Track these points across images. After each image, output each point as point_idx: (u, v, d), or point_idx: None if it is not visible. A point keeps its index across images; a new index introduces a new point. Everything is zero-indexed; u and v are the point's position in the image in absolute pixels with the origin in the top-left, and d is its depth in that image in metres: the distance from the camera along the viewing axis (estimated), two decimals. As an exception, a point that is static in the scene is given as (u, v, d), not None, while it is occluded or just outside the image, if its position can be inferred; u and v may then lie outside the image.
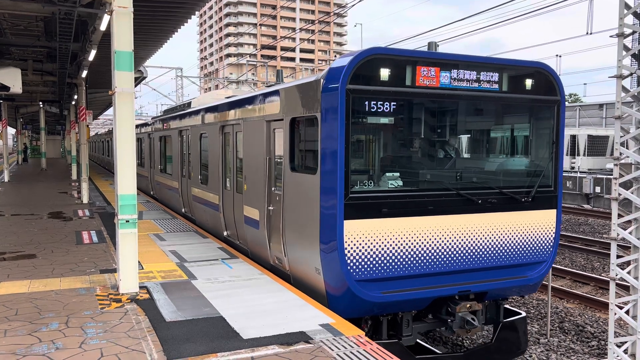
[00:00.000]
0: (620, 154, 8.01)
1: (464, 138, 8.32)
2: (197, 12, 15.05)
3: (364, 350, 5.62)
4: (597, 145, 36.32)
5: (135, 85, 32.06)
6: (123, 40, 7.35)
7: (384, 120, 7.29)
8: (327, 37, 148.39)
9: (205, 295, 7.45)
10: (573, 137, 35.97)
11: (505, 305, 8.64)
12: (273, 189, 8.83)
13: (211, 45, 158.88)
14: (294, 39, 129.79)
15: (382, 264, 7.18)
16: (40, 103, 32.81)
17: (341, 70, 6.82)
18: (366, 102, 6.96)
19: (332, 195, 6.92)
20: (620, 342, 8.33)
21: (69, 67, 18.20)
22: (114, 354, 5.45)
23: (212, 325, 6.29)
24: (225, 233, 11.58)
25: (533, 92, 8.09)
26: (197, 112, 13.58)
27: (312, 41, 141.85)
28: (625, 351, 8.31)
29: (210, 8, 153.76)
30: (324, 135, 7.02)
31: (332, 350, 5.61)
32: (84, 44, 15.20)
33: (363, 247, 7.05)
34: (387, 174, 7.40)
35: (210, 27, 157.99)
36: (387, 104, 7.06)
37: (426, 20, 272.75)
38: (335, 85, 6.85)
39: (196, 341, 5.79)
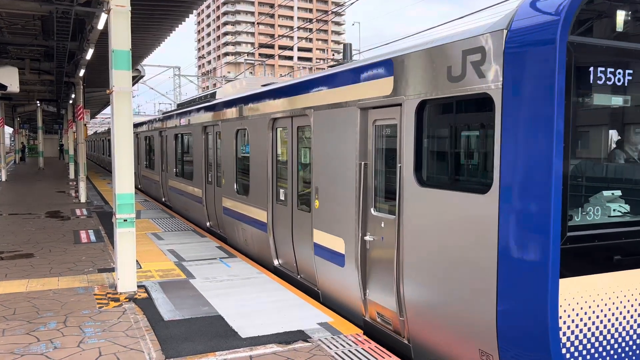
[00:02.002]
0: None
1: None
2: (194, 11, 15.02)
3: (362, 348, 5.62)
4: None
5: (133, 84, 31.97)
6: (121, 39, 7.34)
7: (615, 99, 4.42)
8: (325, 35, 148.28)
9: (204, 294, 7.45)
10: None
11: None
12: (372, 210, 6.24)
13: (209, 44, 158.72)
14: (291, 38, 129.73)
15: (617, 352, 4.33)
16: (38, 102, 32.77)
17: (556, 10, 3.99)
18: (592, 68, 4.13)
19: (532, 232, 4.08)
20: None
21: (67, 66, 18.16)
22: (112, 353, 5.45)
23: (210, 324, 6.29)
24: (276, 262, 8.96)
25: None
26: (231, 104, 10.82)
27: (310, 40, 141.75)
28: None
29: (208, 7, 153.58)
30: (511, 124, 4.18)
31: (331, 348, 5.61)
32: (81, 43, 15.16)
33: (587, 324, 4.21)
34: (604, 194, 4.46)
35: (208, 25, 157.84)
36: (619, 72, 4.22)
37: (424, 19, 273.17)
38: (543, 36, 3.99)
39: (194, 340, 5.79)
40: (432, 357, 5.28)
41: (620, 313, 4.32)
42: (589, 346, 4.23)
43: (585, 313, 4.21)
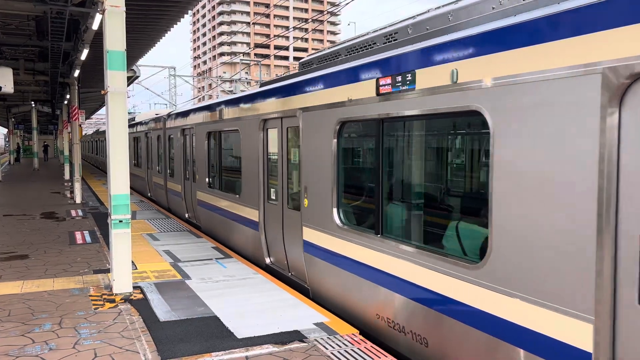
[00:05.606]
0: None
1: None
2: (190, 11, 15.02)
3: (358, 348, 5.62)
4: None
5: (128, 85, 31.94)
6: (115, 39, 7.32)
7: None
8: (320, 35, 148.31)
9: (200, 295, 7.44)
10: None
11: None
12: None
13: (204, 44, 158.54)
14: (287, 38, 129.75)
15: None
16: (32, 103, 32.69)
17: None
18: None
19: None
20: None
21: (61, 66, 18.13)
22: (108, 354, 5.43)
23: (206, 324, 6.28)
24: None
25: None
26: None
27: (306, 40, 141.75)
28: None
29: (203, 7, 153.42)
30: None
31: (327, 349, 5.61)
32: (76, 43, 15.13)
33: None
34: None
35: (204, 26, 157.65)
36: None
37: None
38: None
39: (190, 341, 5.78)
40: None
41: None
42: None
43: None
